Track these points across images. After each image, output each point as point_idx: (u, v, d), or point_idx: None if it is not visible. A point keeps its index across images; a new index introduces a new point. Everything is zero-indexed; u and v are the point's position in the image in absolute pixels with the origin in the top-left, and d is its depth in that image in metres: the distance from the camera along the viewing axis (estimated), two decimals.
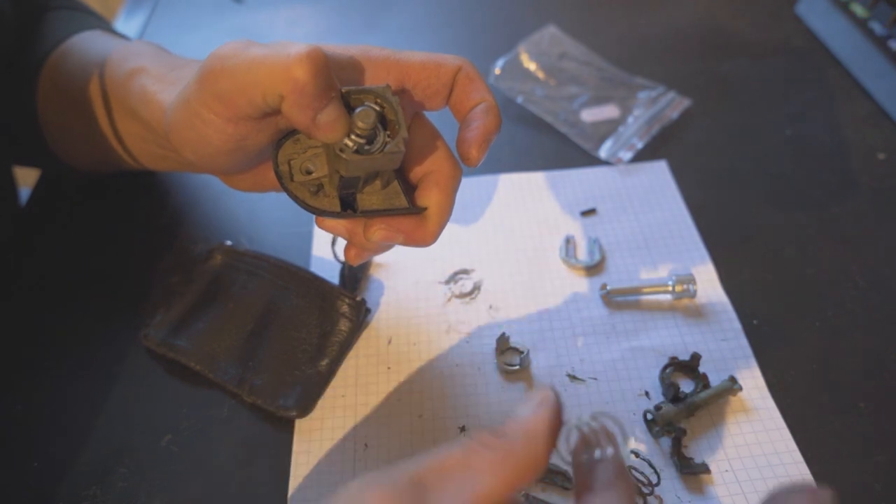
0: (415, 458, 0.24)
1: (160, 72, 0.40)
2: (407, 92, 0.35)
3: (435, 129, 0.37)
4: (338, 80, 0.31)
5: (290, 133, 0.33)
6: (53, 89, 0.48)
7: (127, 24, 0.77)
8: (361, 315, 0.46)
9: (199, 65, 0.35)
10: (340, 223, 0.35)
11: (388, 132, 0.31)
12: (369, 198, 0.34)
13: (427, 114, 0.37)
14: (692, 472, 0.39)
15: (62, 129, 0.49)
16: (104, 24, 0.54)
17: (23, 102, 0.49)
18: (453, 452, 0.24)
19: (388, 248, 0.38)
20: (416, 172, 0.36)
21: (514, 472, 0.23)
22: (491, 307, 0.48)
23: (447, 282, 0.50)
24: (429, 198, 0.35)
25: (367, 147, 0.31)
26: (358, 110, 0.30)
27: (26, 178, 0.65)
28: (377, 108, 0.31)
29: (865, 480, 0.39)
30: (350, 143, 0.30)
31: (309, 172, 0.33)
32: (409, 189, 0.36)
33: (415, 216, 0.35)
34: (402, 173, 0.36)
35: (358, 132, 0.30)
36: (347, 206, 0.34)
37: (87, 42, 0.49)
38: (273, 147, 0.33)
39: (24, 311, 0.50)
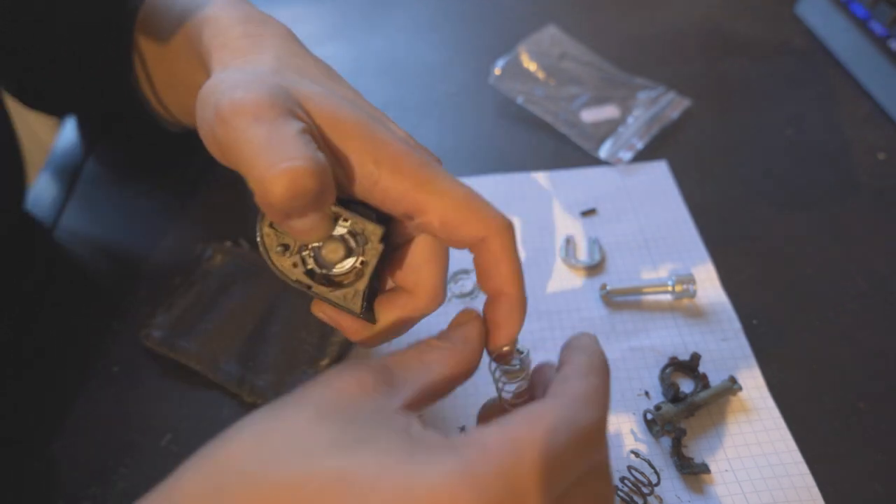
0: (381, 356, 0.29)
1: (229, 23, 0.36)
2: (417, 223, 0.30)
3: (437, 256, 0.33)
4: (341, 182, 0.29)
5: None
6: (144, 44, 0.48)
7: None
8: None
9: (272, 28, 0.34)
10: (325, 314, 0.33)
11: (363, 258, 0.30)
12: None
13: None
14: (692, 472, 0.39)
15: (159, 80, 0.49)
16: None
17: (119, 54, 0.49)
18: (410, 351, 0.29)
19: None
20: (395, 276, 0.33)
21: (457, 366, 0.29)
22: None
23: (447, 282, 0.50)
24: (387, 315, 0.32)
25: (323, 270, 0.30)
26: (333, 236, 0.29)
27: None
28: (353, 243, 0.30)
29: (865, 480, 0.39)
30: (308, 262, 0.30)
31: None
32: (376, 286, 0.33)
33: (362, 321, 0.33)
34: (375, 271, 0.32)
35: (322, 257, 0.30)
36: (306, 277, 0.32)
37: None
38: None
39: (23, 312, 0.50)
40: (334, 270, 0.31)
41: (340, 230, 0.30)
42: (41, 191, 0.58)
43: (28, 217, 0.56)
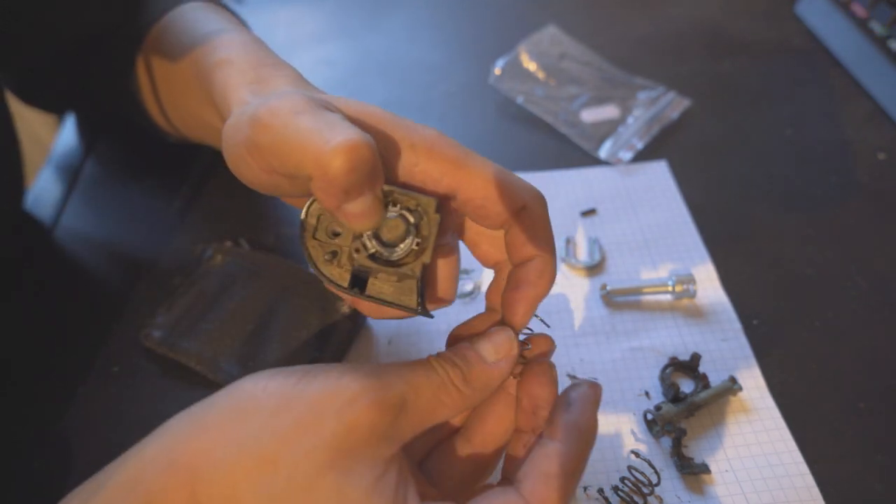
0: (403, 373, 0.29)
1: (244, 67, 0.37)
2: (457, 202, 0.31)
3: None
4: (384, 169, 0.29)
5: None
6: (153, 61, 0.48)
7: None
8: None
9: (284, 70, 0.34)
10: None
11: (418, 239, 0.29)
12: (381, 285, 0.31)
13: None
14: (692, 472, 0.39)
15: (165, 99, 0.50)
16: None
17: (122, 66, 0.50)
18: (432, 381, 0.29)
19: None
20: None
21: (463, 411, 0.30)
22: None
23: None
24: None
25: (385, 253, 0.29)
26: (390, 216, 0.29)
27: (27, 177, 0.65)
28: (412, 218, 0.29)
29: (865, 480, 0.39)
30: (369, 245, 0.29)
31: (336, 234, 0.31)
32: (428, 280, 0.33)
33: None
34: (440, 255, 0.33)
35: (381, 239, 0.29)
36: (357, 283, 0.32)
37: (188, 16, 0.48)
38: (309, 198, 0.31)
39: (24, 312, 0.50)
40: (395, 254, 0.30)
41: (392, 214, 0.30)
42: (41, 191, 0.58)
43: (28, 217, 0.56)
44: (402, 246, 0.29)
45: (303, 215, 0.31)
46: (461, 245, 0.34)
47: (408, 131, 0.30)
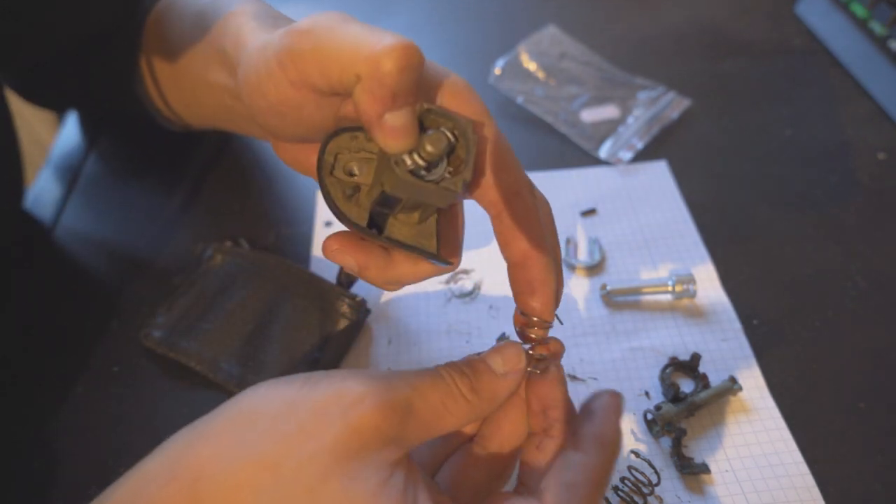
0: (409, 378, 0.28)
1: (260, 18, 0.37)
2: None
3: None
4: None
5: (350, 128, 0.30)
6: (154, 41, 0.48)
7: None
8: (361, 315, 0.46)
9: None
10: (351, 256, 0.32)
11: (450, 167, 0.28)
12: (400, 227, 0.31)
13: None
14: (692, 472, 0.39)
15: (165, 79, 0.49)
16: None
17: (127, 49, 0.50)
18: (438, 387, 0.29)
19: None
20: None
21: (472, 421, 0.30)
22: (491, 307, 0.48)
23: (447, 282, 0.50)
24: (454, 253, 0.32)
25: (423, 173, 0.28)
26: (430, 132, 0.28)
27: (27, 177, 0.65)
28: (451, 137, 0.28)
29: (865, 480, 0.39)
30: (408, 161, 0.28)
31: (351, 174, 0.30)
32: (444, 234, 0.33)
33: (433, 263, 0.32)
34: (446, 216, 0.33)
35: (422, 154, 0.28)
36: (374, 225, 0.31)
37: None
38: (327, 133, 0.30)
39: (24, 312, 0.50)
40: (432, 176, 0.28)
41: (431, 132, 0.28)
42: (41, 190, 0.58)
43: (28, 217, 0.56)
44: (436, 170, 0.28)
45: (320, 153, 0.30)
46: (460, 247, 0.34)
47: (438, 72, 0.31)
